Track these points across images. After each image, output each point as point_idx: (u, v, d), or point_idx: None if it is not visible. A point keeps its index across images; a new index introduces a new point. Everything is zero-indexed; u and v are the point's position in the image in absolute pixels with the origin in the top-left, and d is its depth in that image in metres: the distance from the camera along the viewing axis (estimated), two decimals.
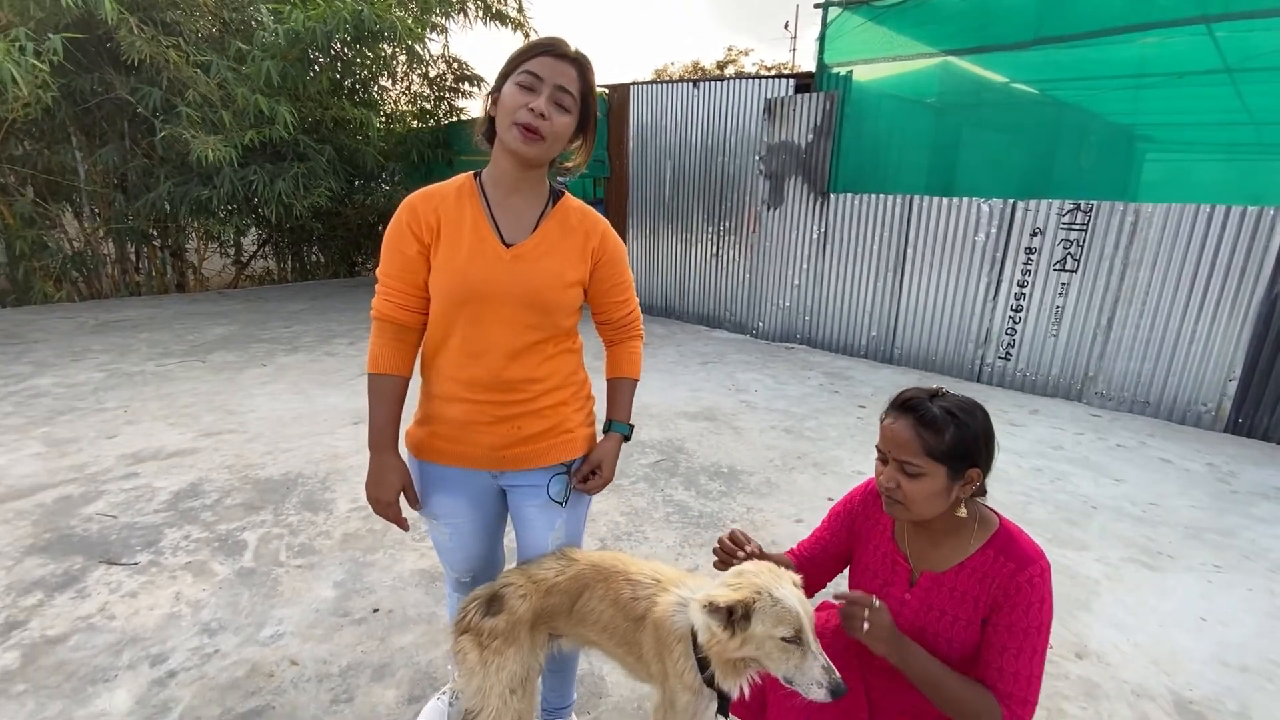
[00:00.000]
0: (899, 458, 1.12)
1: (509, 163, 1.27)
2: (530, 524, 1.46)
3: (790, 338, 6.41)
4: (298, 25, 6.33)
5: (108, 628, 2.12)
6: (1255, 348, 4.12)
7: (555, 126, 1.22)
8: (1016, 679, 1.10)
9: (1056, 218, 4.70)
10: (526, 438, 1.37)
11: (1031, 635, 1.10)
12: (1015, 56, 5.44)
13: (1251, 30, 4.52)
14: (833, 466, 3.54)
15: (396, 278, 1.31)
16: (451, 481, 1.41)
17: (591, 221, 1.37)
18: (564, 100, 1.22)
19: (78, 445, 3.53)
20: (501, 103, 1.22)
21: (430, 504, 1.44)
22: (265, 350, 5.59)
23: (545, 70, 1.19)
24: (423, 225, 1.27)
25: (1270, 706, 1.94)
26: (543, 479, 1.42)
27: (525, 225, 1.31)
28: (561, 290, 1.31)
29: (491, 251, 1.27)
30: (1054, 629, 2.20)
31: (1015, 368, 5.08)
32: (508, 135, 1.21)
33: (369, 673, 1.96)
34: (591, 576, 1.37)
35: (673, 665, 1.24)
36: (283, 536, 2.70)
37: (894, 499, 1.15)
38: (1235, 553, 2.80)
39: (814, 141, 5.80)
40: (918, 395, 1.14)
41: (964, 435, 1.10)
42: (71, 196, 7.40)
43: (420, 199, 1.29)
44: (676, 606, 1.26)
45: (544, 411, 1.37)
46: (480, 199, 1.30)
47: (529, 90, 1.20)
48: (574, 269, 1.33)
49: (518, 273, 1.28)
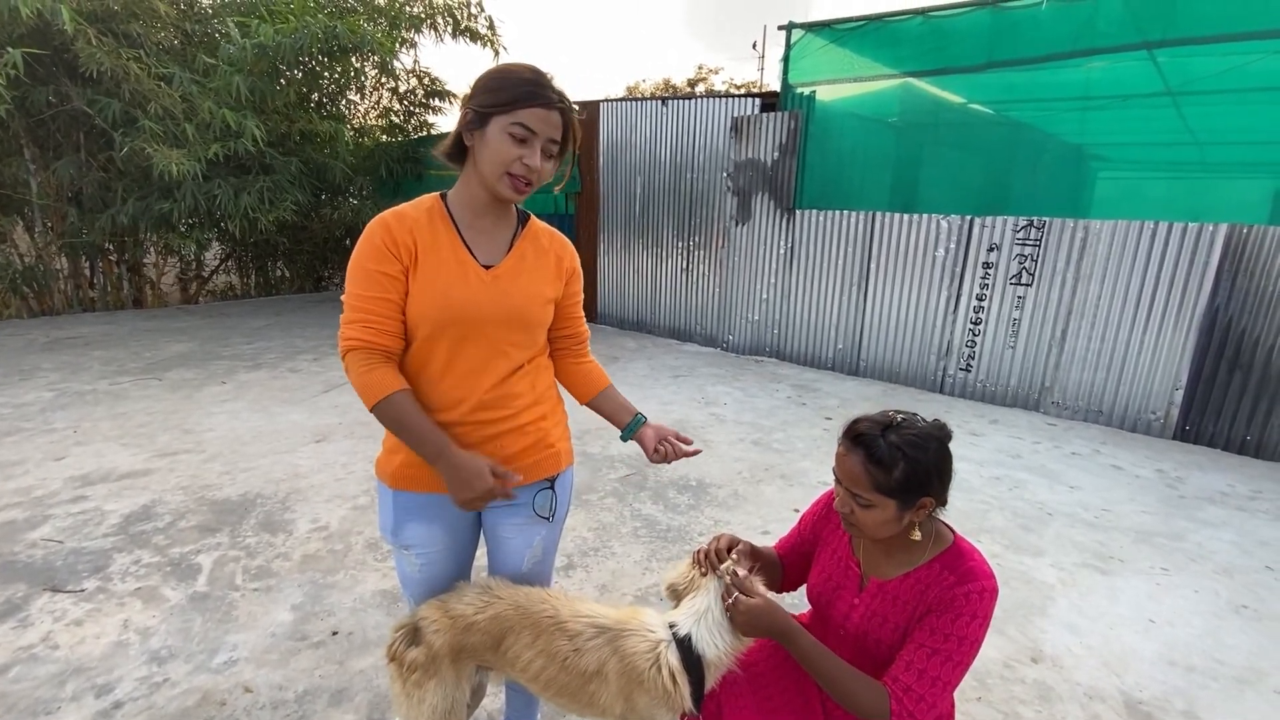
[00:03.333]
0: (849, 489, 1.15)
1: (485, 194, 1.28)
2: (506, 543, 1.44)
3: (760, 351, 6.48)
4: (266, 39, 6.27)
5: (51, 658, 2.03)
6: (1199, 357, 4.30)
7: (543, 175, 1.26)
8: (921, 675, 1.09)
9: (1012, 233, 4.87)
10: (509, 456, 1.36)
11: (951, 642, 1.09)
12: (971, 78, 5.64)
13: (1191, 55, 4.77)
14: (799, 478, 3.58)
15: (374, 300, 1.24)
16: (428, 509, 1.38)
17: (560, 242, 1.44)
18: (552, 150, 1.25)
19: (23, 468, 3.40)
20: (489, 145, 1.20)
21: (404, 534, 1.39)
22: (226, 367, 5.46)
23: (538, 124, 1.20)
24: (400, 246, 1.24)
25: (1215, 704, 2.01)
26: (524, 497, 1.40)
27: (499, 247, 1.33)
28: (541, 307, 1.36)
29: (473, 274, 1.28)
30: (1011, 635, 2.28)
31: (976, 379, 5.21)
32: (499, 183, 1.23)
33: (326, 698, 1.91)
34: (515, 620, 1.29)
35: (650, 699, 1.21)
36: (239, 559, 2.63)
37: (849, 521, 1.18)
38: (1182, 555, 2.90)
39: (780, 159, 5.92)
40: (870, 430, 1.13)
41: (914, 470, 1.10)
42: (23, 210, 7.16)
43: (393, 219, 1.26)
44: (649, 646, 1.22)
45: (526, 428, 1.38)
46: (450, 222, 1.30)
47: (521, 143, 1.20)
48: (550, 286, 1.38)
49: (500, 293, 1.29)
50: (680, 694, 1.20)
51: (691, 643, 1.21)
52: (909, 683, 1.09)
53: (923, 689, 1.09)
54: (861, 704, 1.10)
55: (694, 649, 1.21)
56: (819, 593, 1.33)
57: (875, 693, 1.10)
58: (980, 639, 1.10)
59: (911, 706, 1.08)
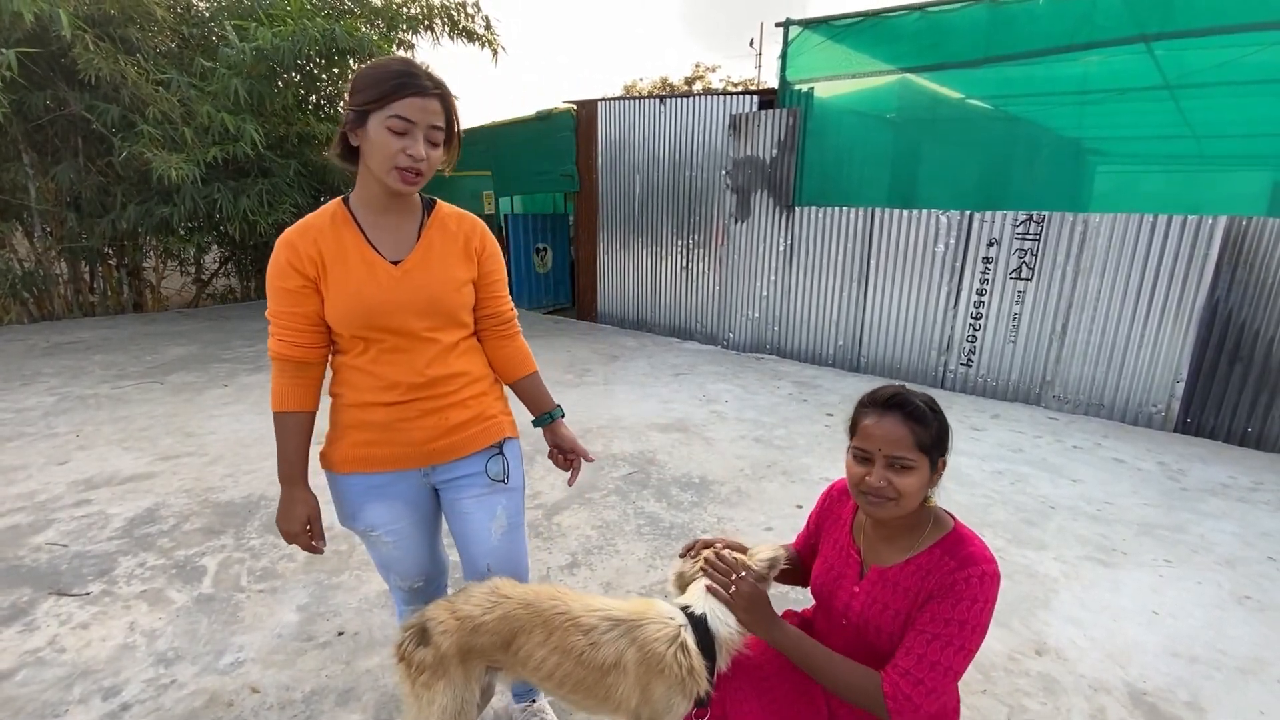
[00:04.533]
0: (891, 454, 1.12)
1: (382, 191, 1.30)
2: (469, 516, 1.48)
3: (760, 348, 6.49)
4: (264, 42, 6.27)
5: (58, 661, 2.04)
6: (1200, 350, 4.30)
7: (432, 163, 1.27)
8: (920, 660, 1.08)
9: (1011, 228, 4.87)
10: (453, 427, 1.42)
11: (951, 627, 1.08)
12: (969, 73, 5.64)
13: (1187, 48, 4.77)
14: (801, 474, 3.58)
15: (286, 315, 1.32)
16: (383, 488, 1.43)
17: (470, 223, 1.44)
18: (435, 137, 1.26)
19: (26, 472, 3.40)
20: (371, 142, 1.22)
21: (364, 517, 1.43)
22: (227, 370, 5.47)
23: (415, 113, 1.21)
24: (304, 259, 1.29)
25: (1219, 694, 2.01)
26: (475, 465, 1.47)
27: (406, 240, 1.36)
28: (456, 291, 1.38)
29: (383, 272, 1.31)
30: (1015, 628, 2.28)
31: (977, 374, 5.21)
32: (387, 177, 1.24)
33: (333, 697, 1.92)
34: (526, 619, 1.29)
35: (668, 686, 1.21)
36: (244, 561, 2.63)
37: (885, 496, 1.13)
38: (1185, 548, 2.90)
39: (778, 156, 5.92)
40: (900, 392, 1.17)
41: (943, 426, 1.16)
42: (22, 215, 7.17)
43: (296, 234, 1.30)
44: (671, 633, 1.23)
45: (468, 402, 1.44)
46: (354, 223, 1.33)
47: (401, 135, 1.21)
48: (463, 269, 1.40)
49: (412, 286, 1.33)
50: (699, 675, 1.21)
51: (706, 621, 1.24)
52: (907, 666, 1.09)
53: (921, 672, 1.07)
54: (855, 691, 1.10)
55: (709, 628, 1.24)
56: (821, 584, 1.34)
57: (868, 679, 1.10)
58: (983, 624, 1.09)
59: (909, 690, 1.07)
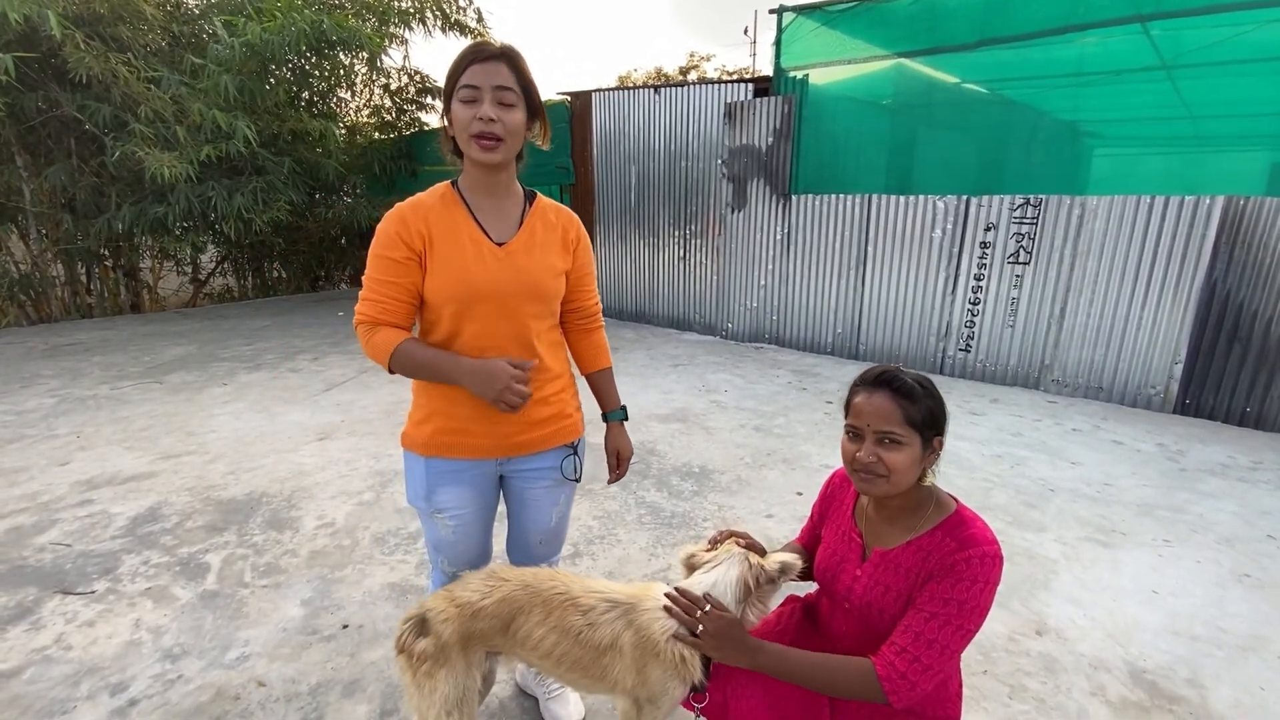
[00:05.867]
0: (880, 429, 1.14)
1: (479, 171, 1.36)
2: (535, 504, 1.58)
3: (759, 338, 6.49)
4: (253, 38, 6.23)
5: (64, 659, 2.05)
6: (1198, 331, 4.30)
7: (508, 125, 1.30)
8: (918, 638, 1.08)
9: (1008, 212, 4.86)
10: (534, 423, 1.48)
11: (950, 606, 1.07)
12: (964, 57, 5.61)
13: (1183, 28, 4.74)
14: (801, 462, 3.59)
15: (386, 284, 1.35)
16: (459, 473, 1.48)
17: (567, 216, 1.52)
18: (506, 98, 1.29)
19: (28, 474, 3.41)
20: (455, 122, 1.30)
21: (435, 498, 1.48)
22: (226, 369, 5.46)
23: (479, 78, 1.27)
24: (413, 233, 1.33)
25: (1218, 672, 2.02)
26: (550, 460, 1.55)
27: (510, 224, 1.42)
28: (554, 279, 1.44)
29: (488, 251, 1.37)
30: (1015, 609, 2.29)
31: (975, 359, 5.22)
32: (470, 149, 1.31)
33: (339, 690, 1.93)
34: (525, 600, 1.30)
35: (663, 670, 1.22)
36: (247, 557, 2.64)
37: (876, 473, 1.15)
38: (1184, 527, 2.92)
39: (774, 144, 5.90)
40: (889, 369, 1.20)
41: (933, 404, 1.17)
42: (17, 217, 7.14)
43: (409, 208, 1.35)
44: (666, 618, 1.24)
45: (549, 399, 1.50)
46: (463, 205, 1.39)
47: (472, 103, 1.28)
48: (561, 259, 1.46)
49: (515, 268, 1.38)
50: (693, 664, 1.21)
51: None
52: (904, 644, 1.09)
53: (918, 650, 1.07)
54: (852, 688, 1.10)
55: None
56: (824, 568, 1.34)
57: (861, 670, 1.10)
58: (982, 605, 1.09)
59: (904, 667, 1.07)
